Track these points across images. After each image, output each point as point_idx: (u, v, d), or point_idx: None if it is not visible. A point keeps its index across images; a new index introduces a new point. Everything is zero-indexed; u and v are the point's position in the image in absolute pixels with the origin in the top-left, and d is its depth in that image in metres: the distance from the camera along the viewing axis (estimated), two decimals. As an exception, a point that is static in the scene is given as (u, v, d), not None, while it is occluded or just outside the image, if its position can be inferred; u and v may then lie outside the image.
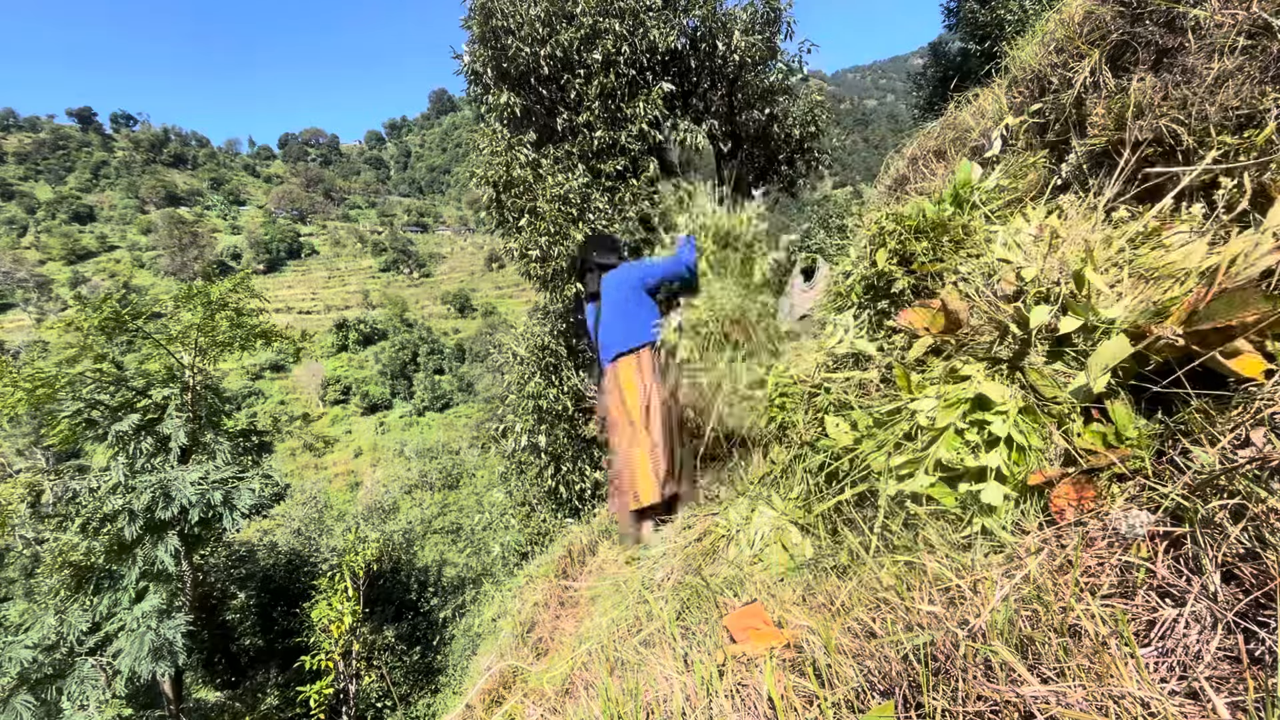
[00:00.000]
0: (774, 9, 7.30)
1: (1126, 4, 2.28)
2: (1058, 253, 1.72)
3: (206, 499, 6.34)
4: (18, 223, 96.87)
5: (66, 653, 6.04)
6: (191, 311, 7.32)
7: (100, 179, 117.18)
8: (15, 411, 6.37)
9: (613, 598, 2.58)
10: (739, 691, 1.27)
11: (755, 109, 7.71)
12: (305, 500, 16.48)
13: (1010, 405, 1.42)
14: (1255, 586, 0.90)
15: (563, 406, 7.54)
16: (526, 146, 6.83)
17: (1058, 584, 1.05)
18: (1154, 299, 1.43)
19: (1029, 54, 2.87)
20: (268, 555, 13.33)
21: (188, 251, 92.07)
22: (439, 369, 73.98)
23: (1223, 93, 1.85)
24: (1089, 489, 1.25)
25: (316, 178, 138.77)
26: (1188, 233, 1.65)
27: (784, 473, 2.31)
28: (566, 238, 6.35)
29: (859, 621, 1.27)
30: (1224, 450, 1.08)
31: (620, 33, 6.48)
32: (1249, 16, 1.85)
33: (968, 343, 1.71)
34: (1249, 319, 1.14)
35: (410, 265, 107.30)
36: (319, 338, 72.37)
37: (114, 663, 5.82)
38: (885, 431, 1.71)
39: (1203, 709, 0.83)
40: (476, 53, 7.04)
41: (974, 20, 12.71)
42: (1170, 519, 1.06)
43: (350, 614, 8.50)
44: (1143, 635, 0.96)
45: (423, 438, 50.62)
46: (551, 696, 1.95)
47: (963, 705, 0.96)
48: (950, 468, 1.47)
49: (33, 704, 5.62)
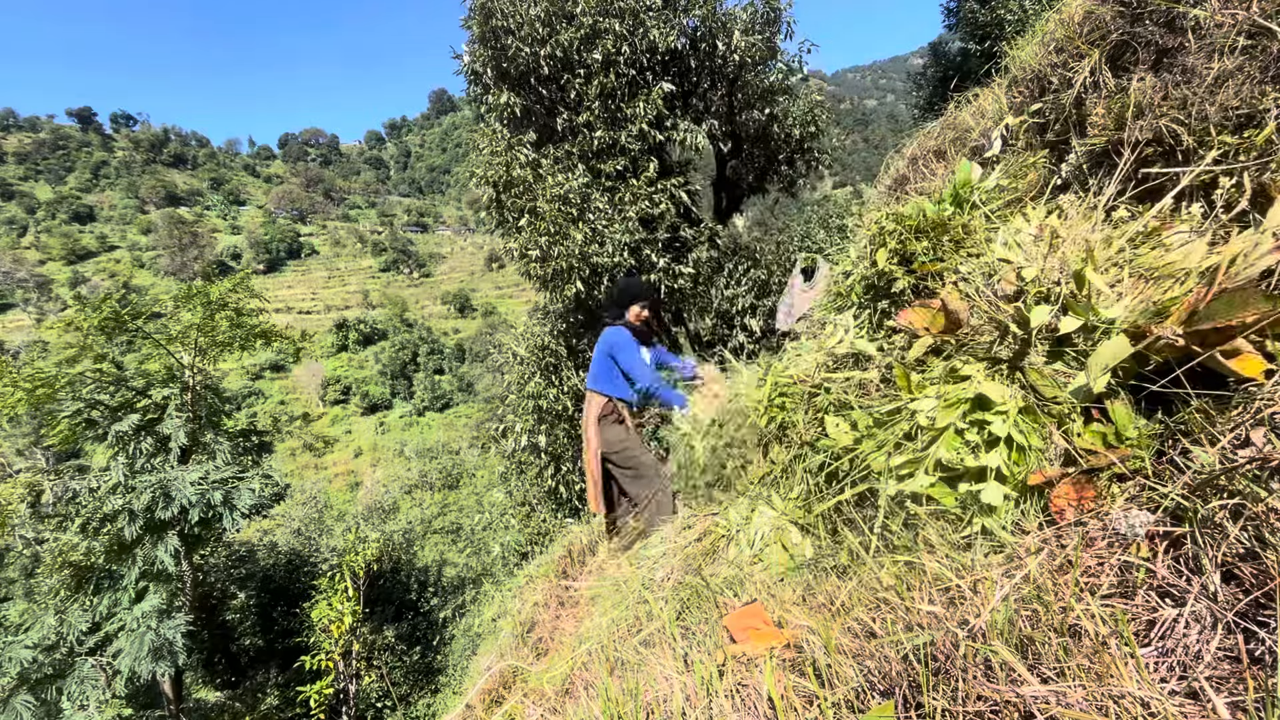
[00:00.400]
0: (774, 9, 7.30)
1: (1126, 4, 2.28)
2: (1058, 253, 1.72)
3: (206, 499, 6.34)
4: (18, 223, 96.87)
5: (66, 653, 6.04)
6: (191, 311, 7.32)
7: (100, 179, 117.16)
8: (15, 411, 6.37)
9: (613, 598, 2.58)
10: (739, 691, 1.27)
11: (755, 109, 7.72)
12: (305, 500, 16.47)
13: (1010, 405, 1.42)
14: (1255, 586, 0.90)
15: (562, 406, 7.54)
16: (526, 146, 6.83)
17: (1058, 584, 1.05)
18: (1154, 299, 1.43)
19: (1029, 54, 2.87)
20: (268, 555, 13.32)
21: (188, 251, 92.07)
22: (439, 369, 73.99)
23: (1223, 93, 1.85)
24: (1089, 489, 1.25)
25: (316, 178, 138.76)
26: (1188, 233, 1.65)
27: (784, 473, 2.31)
28: (566, 238, 6.35)
29: (859, 621, 1.27)
30: (1224, 450, 1.08)
31: (620, 33, 6.48)
32: (1249, 16, 1.85)
33: (968, 343, 1.71)
34: (1249, 319, 1.14)
35: (410, 265, 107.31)
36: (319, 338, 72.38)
37: (114, 663, 5.82)
38: (885, 431, 1.71)
39: (1203, 709, 0.83)
40: (476, 53, 7.04)
41: (974, 20, 12.71)
42: (1170, 519, 1.06)
43: (350, 614, 8.50)
44: (1143, 635, 0.96)
45: (423, 438, 50.64)
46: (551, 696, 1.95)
47: (963, 705, 0.96)
48: (950, 468, 1.47)
49: (33, 704, 5.62)
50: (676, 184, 6.85)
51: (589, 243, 6.35)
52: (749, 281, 8.11)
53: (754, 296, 8.04)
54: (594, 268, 6.47)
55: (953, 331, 1.72)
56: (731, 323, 8.16)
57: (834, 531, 1.88)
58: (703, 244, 7.36)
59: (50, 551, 6.85)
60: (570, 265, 6.39)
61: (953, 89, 3.87)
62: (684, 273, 7.02)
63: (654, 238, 6.73)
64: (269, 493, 7.35)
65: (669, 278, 6.95)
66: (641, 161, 6.88)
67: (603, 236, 6.42)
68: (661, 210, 6.70)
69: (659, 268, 6.80)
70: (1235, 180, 1.69)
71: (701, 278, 7.55)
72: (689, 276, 7.12)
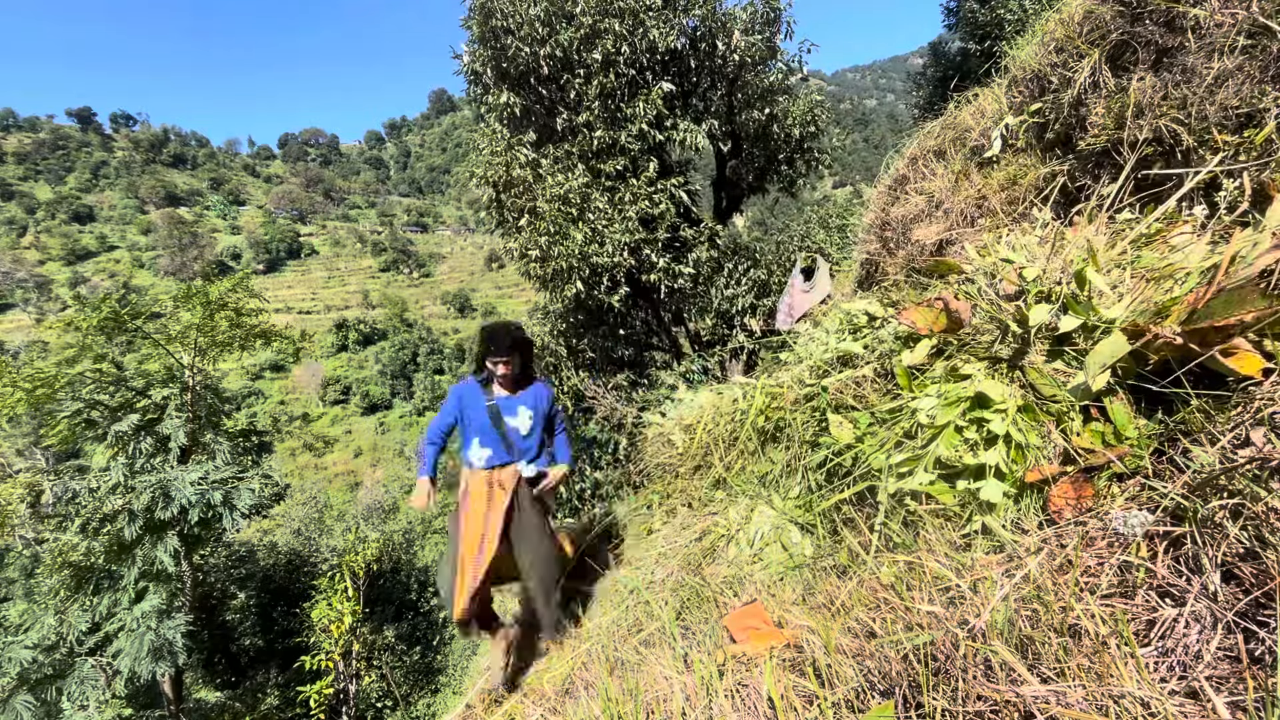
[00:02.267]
0: (774, 9, 7.30)
1: (1126, 4, 2.28)
2: (1062, 254, 1.72)
3: (206, 499, 6.34)
4: (17, 223, 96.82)
5: (66, 653, 6.04)
6: (191, 311, 7.31)
7: (100, 179, 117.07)
8: (15, 411, 6.36)
9: (613, 598, 2.58)
10: (739, 691, 1.27)
11: (755, 109, 7.71)
12: (305, 500, 16.46)
13: (1009, 403, 1.42)
14: (1255, 586, 0.90)
15: (562, 406, 7.53)
16: (526, 146, 6.82)
17: (1058, 584, 1.05)
18: (1154, 299, 1.43)
19: (1029, 54, 2.87)
20: (268, 555, 13.32)
21: (187, 251, 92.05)
22: (439, 369, 73.97)
23: (1222, 92, 1.85)
24: (1088, 488, 1.25)
25: (316, 178, 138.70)
26: (1190, 233, 1.65)
27: (784, 472, 2.31)
28: (566, 237, 6.35)
29: (859, 621, 1.27)
30: (1224, 450, 1.08)
31: (620, 32, 6.48)
32: (1248, 16, 1.85)
33: (969, 342, 1.70)
34: (1247, 317, 1.14)
35: (410, 265, 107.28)
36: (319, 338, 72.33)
37: (114, 663, 5.82)
38: (885, 430, 1.71)
39: (1203, 708, 0.82)
40: (476, 53, 7.04)
41: (974, 20, 12.70)
42: (1170, 519, 1.06)
43: (350, 614, 8.49)
44: (1143, 635, 0.96)
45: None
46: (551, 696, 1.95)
47: (963, 705, 0.95)
48: (949, 465, 1.47)
49: (33, 704, 5.62)
50: (676, 184, 6.84)
51: (589, 242, 6.35)
52: (749, 281, 8.11)
53: (754, 296, 8.04)
54: (594, 268, 6.46)
55: (955, 331, 1.72)
56: (731, 323, 8.16)
57: (834, 531, 1.88)
58: (703, 244, 7.35)
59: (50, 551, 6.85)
60: (570, 265, 6.38)
61: (953, 89, 3.86)
62: (684, 273, 7.02)
63: (654, 237, 6.72)
64: (269, 493, 7.35)
65: (669, 278, 6.94)
66: (641, 161, 6.87)
67: (603, 236, 6.41)
68: (661, 210, 6.70)
69: (659, 268, 6.79)
70: (1236, 181, 1.69)
71: (701, 278, 7.55)
72: (689, 276, 7.11)
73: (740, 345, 7.63)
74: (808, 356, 2.43)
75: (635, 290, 7.60)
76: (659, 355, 8.08)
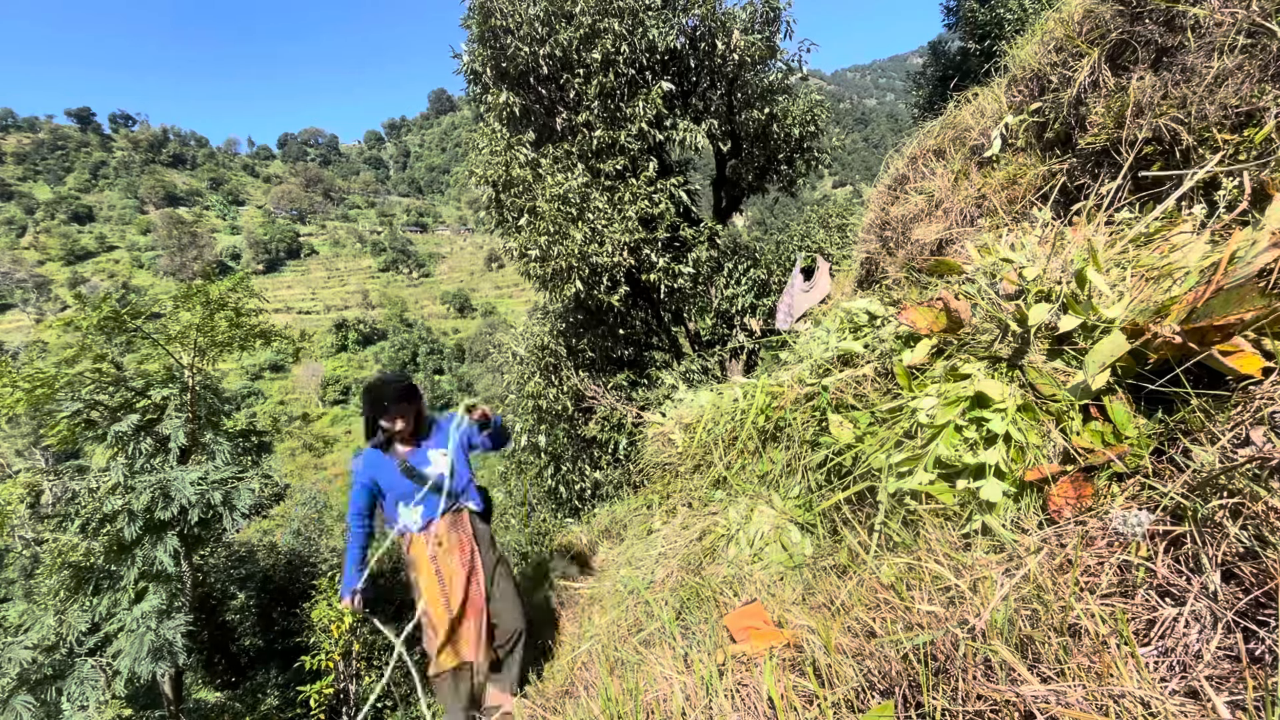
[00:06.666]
0: (773, 8, 7.30)
1: (1126, 3, 2.28)
2: (1062, 253, 1.72)
3: (206, 499, 6.33)
4: (17, 223, 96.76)
5: (66, 653, 6.04)
6: (190, 311, 7.30)
7: (99, 179, 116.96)
8: (14, 411, 6.35)
9: (613, 598, 2.58)
10: (739, 691, 1.27)
11: (755, 108, 7.71)
12: (305, 500, 16.45)
13: (1009, 403, 1.42)
14: (1255, 585, 0.89)
15: (562, 406, 7.53)
16: (526, 146, 6.82)
17: (1057, 583, 1.05)
18: (1154, 298, 1.43)
19: (1028, 53, 2.87)
20: (268, 555, 13.31)
21: (187, 251, 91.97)
22: (439, 369, 74.02)
23: (1222, 91, 1.85)
24: (1087, 487, 1.25)
25: (316, 178, 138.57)
26: (1189, 232, 1.65)
27: (784, 472, 2.31)
28: (566, 237, 6.35)
29: (859, 621, 1.27)
30: (1223, 449, 1.08)
31: (620, 32, 6.48)
32: (1248, 15, 1.85)
33: (969, 341, 1.70)
34: (1246, 316, 1.14)
35: (410, 265, 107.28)
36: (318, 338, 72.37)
37: (114, 663, 5.81)
38: (885, 429, 1.71)
39: (1203, 708, 0.82)
40: (476, 52, 7.04)
41: (974, 19, 12.71)
42: (1170, 518, 1.06)
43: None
44: (1143, 634, 0.96)
45: (422, 438, 50.49)
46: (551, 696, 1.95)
47: (963, 705, 0.95)
48: (949, 465, 1.47)
49: (33, 704, 5.61)
50: (676, 183, 6.84)
51: (589, 242, 6.35)
52: (749, 281, 8.11)
53: (754, 296, 8.04)
54: (594, 267, 6.46)
55: (955, 330, 1.72)
56: (731, 322, 8.16)
57: (834, 531, 1.87)
58: (702, 243, 7.35)
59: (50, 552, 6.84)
60: (570, 265, 6.38)
61: (952, 88, 3.86)
62: (684, 272, 7.02)
63: (654, 237, 6.72)
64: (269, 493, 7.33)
65: (669, 277, 6.94)
66: (641, 161, 6.87)
67: (602, 236, 6.41)
68: (661, 210, 6.70)
69: (659, 267, 6.79)
70: (1236, 180, 1.69)
71: (701, 277, 7.55)
72: (689, 276, 7.11)
73: (740, 345, 7.63)
74: (808, 356, 2.43)
75: (635, 290, 7.61)
76: (659, 355, 8.08)
